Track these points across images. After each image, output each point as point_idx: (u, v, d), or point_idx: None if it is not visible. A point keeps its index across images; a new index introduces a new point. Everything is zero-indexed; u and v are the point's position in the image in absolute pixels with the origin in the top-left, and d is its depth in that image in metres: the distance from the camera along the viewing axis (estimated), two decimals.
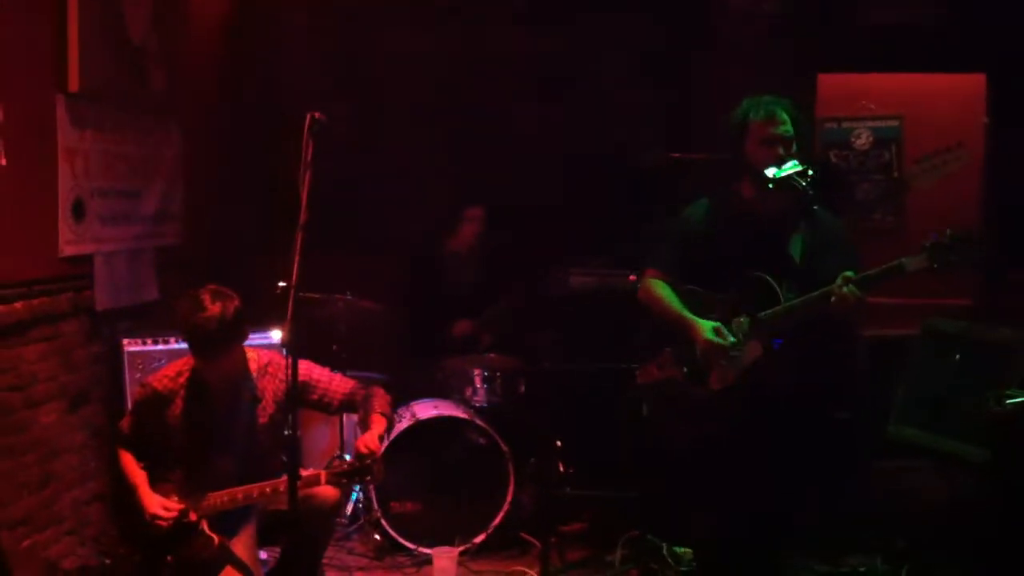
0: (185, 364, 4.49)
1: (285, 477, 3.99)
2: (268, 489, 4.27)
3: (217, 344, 4.26)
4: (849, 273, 3.90)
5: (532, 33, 7.14)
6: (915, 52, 6.59)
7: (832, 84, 6.75)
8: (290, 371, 3.73)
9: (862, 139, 6.87)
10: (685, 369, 4.27)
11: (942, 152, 6.68)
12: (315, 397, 4.57)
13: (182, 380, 4.46)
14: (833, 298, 3.89)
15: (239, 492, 4.31)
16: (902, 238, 6.41)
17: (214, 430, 4.42)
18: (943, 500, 5.12)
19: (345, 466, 4.28)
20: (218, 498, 4.31)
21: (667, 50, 7.05)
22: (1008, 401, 4.51)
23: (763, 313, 4.10)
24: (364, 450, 4.28)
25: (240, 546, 4.32)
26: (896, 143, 6.81)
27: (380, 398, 4.58)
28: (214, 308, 4.20)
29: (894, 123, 6.82)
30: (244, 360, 4.49)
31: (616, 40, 7.13)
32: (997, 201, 6.65)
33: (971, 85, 6.67)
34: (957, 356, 5.05)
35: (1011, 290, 5.97)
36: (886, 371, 5.45)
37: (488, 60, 7.20)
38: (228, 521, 4.35)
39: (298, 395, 4.34)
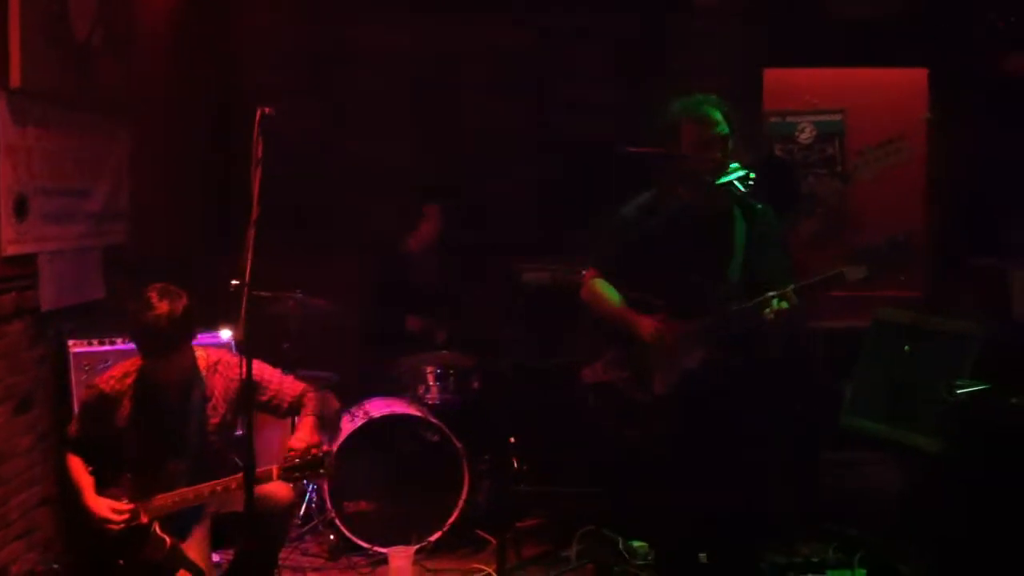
0: (132, 364, 4.42)
1: (238, 475, 3.94)
2: (220, 487, 4.22)
3: (165, 343, 4.20)
4: (789, 288, 3.88)
5: (498, 27, 7.11)
6: (860, 47, 6.66)
7: (777, 78, 6.82)
8: (241, 370, 3.69)
9: (805, 133, 6.94)
10: (628, 372, 4.23)
11: (884, 144, 6.77)
12: (265, 398, 4.52)
13: (129, 381, 4.39)
14: (767, 311, 3.88)
15: (190, 492, 4.25)
16: (846, 234, 6.52)
17: (163, 431, 4.36)
18: (897, 490, 5.18)
19: (297, 460, 4.21)
20: (169, 499, 4.25)
21: (629, 44, 7.06)
22: (958, 391, 4.57)
23: (700, 323, 4.07)
24: (295, 448, 4.26)
25: (192, 548, 4.26)
26: (839, 137, 6.89)
27: (319, 400, 4.56)
28: (162, 306, 4.14)
29: (837, 117, 6.90)
30: (193, 359, 4.43)
31: (583, 35, 7.13)
32: (941, 194, 6.74)
33: (913, 80, 6.77)
34: (909, 347, 5.10)
35: (960, 281, 6.06)
36: (839, 362, 5.50)
37: (454, 55, 7.17)
38: (180, 523, 4.28)
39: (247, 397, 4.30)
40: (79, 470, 4.37)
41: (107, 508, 4.21)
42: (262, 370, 4.51)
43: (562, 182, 6.90)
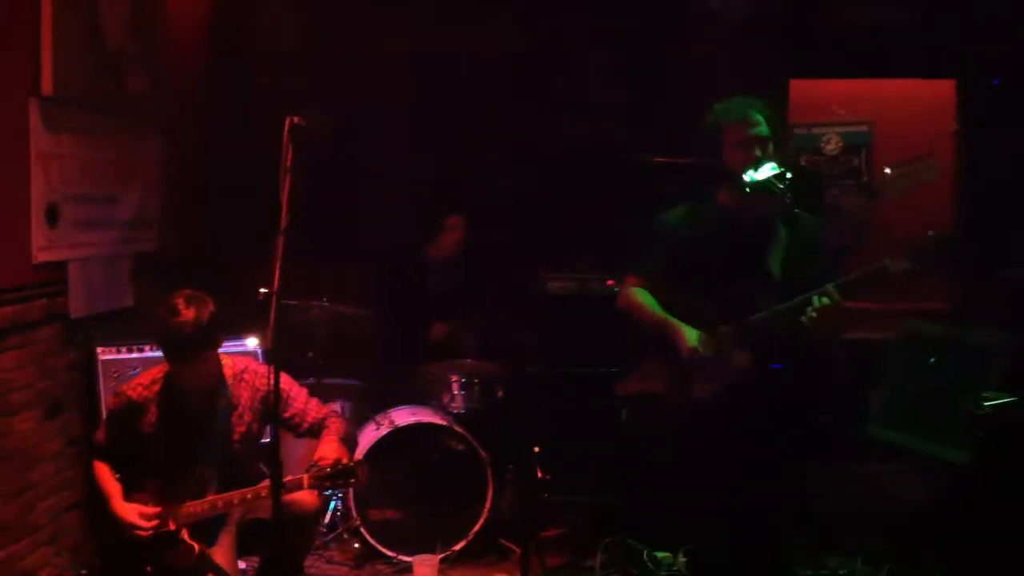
0: (160, 372, 4.44)
1: (266, 482, 3.94)
2: (249, 495, 4.22)
3: (191, 349, 4.21)
4: (830, 285, 3.81)
5: (509, 33, 7.11)
6: (886, 58, 6.63)
7: (803, 90, 6.81)
8: (268, 379, 3.69)
9: (831, 144, 6.93)
10: (669, 380, 4.20)
11: (912, 161, 6.74)
12: (287, 415, 4.50)
13: (157, 388, 4.41)
14: (810, 309, 3.80)
15: (219, 499, 4.26)
16: (873, 239, 6.48)
17: (190, 438, 4.37)
18: (923, 501, 5.16)
19: (328, 470, 4.20)
20: (198, 506, 4.26)
21: (644, 52, 7.05)
22: (986, 403, 4.55)
23: (750, 319, 4.01)
24: (326, 457, 4.26)
25: (220, 554, 4.28)
26: (866, 148, 6.88)
27: (343, 426, 4.58)
28: (188, 313, 4.15)
29: (864, 128, 6.89)
30: (219, 366, 4.44)
31: (594, 40, 7.12)
32: (968, 205, 6.71)
33: (941, 91, 6.74)
34: (935, 358, 5.08)
35: (986, 293, 6.03)
36: (866, 374, 5.48)
37: (466, 61, 7.17)
38: (207, 529, 4.30)
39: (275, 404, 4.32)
40: (106, 476, 4.39)
41: (136, 514, 4.23)
42: (289, 386, 4.52)
43: (585, 189, 6.89)
